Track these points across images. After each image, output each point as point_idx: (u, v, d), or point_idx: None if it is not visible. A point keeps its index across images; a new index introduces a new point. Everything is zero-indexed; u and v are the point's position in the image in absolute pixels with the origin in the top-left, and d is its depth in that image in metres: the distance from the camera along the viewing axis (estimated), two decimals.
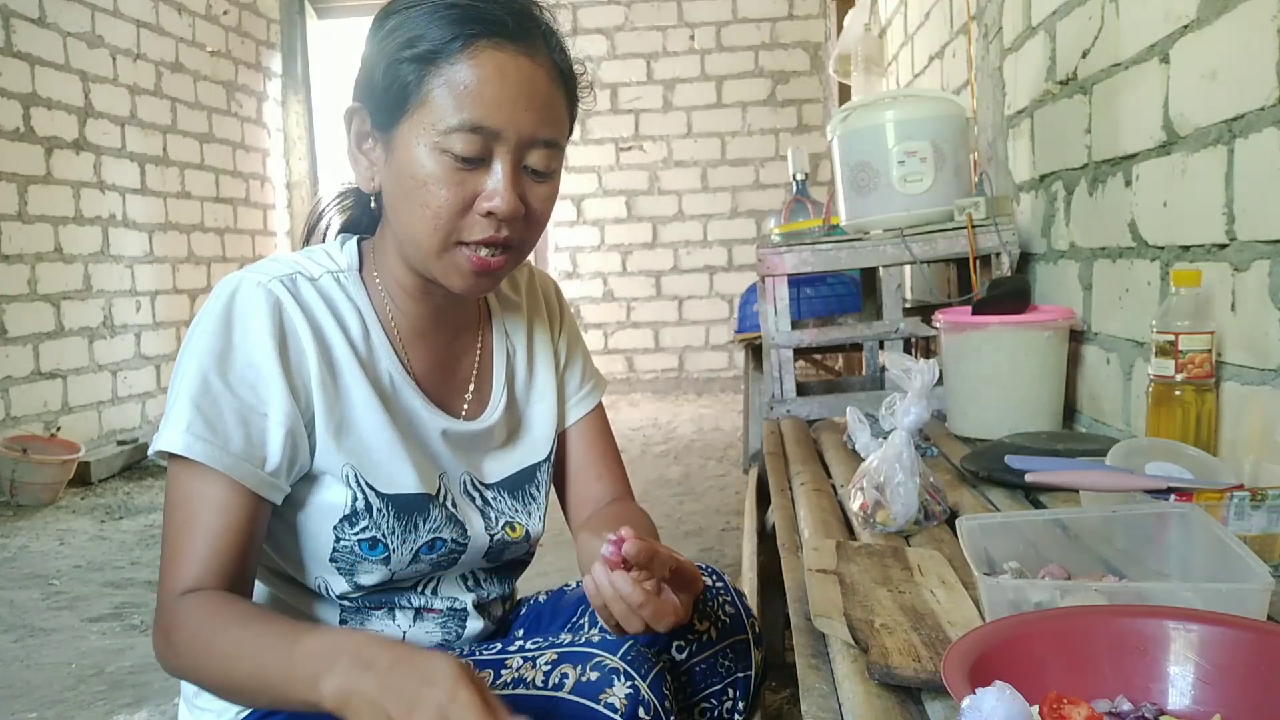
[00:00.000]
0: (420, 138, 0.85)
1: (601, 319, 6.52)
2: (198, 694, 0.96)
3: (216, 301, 0.88)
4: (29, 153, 4.13)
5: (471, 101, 0.84)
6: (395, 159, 0.88)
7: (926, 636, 0.86)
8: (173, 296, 5.09)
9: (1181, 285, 1.28)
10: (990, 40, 2.37)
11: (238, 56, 5.80)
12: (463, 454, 1.01)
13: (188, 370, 0.86)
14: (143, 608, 2.63)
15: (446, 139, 0.84)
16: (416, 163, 0.85)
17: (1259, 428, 1.17)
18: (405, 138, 0.86)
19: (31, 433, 3.99)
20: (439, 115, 0.84)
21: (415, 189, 0.86)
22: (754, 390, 3.16)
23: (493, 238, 0.87)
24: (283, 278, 0.91)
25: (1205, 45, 1.31)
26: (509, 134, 0.85)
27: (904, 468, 1.24)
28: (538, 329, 1.10)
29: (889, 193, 2.12)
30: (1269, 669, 0.67)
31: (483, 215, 0.87)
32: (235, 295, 0.88)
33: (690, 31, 6.40)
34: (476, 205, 0.87)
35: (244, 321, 0.87)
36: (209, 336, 0.87)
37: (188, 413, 0.84)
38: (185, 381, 0.85)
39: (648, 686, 0.82)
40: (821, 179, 5.68)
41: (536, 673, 0.85)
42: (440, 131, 0.84)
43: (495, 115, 0.84)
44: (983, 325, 1.75)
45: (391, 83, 0.86)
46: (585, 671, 0.83)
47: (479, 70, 0.84)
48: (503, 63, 0.85)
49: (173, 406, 0.86)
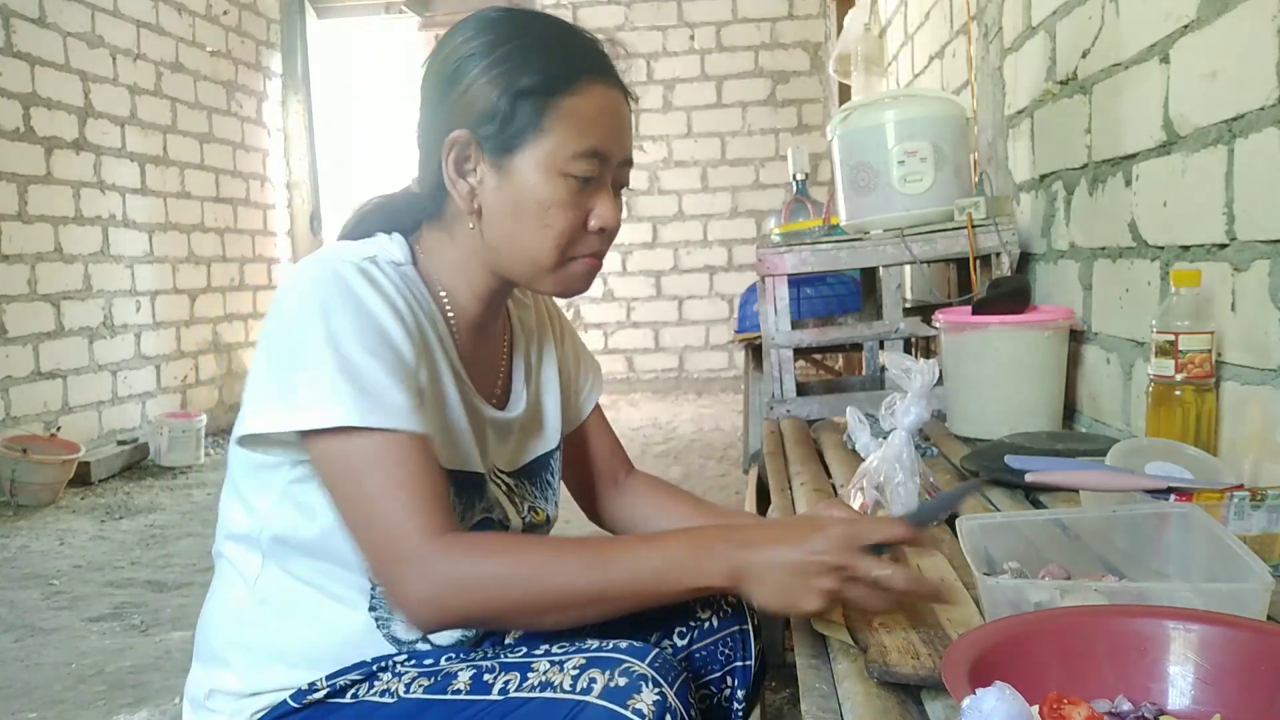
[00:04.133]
0: (541, 164, 0.93)
1: (601, 319, 6.52)
2: (209, 695, 0.96)
3: (317, 282, 0.89)
4: (29, 153, 4.13)
5: (592, 131, 0.94)
6: (513, 184, 0.94)
7: (925, 635, 0.86)
8: (173, 296, 5.09)
9: (1181, 285, 1.28)
10: (990, 40, 2.37)
11: (238, 56, 5.80)
12: (494, 441, 1.05)
13: (314, 347, 0.85)
14: (143, 608, 2.63)
15: (570, 164, 0.93)
16: (539, 187, 0.93)
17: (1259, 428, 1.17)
18: (525, 165, 0.93)
19: (31, 433, 3.99)
20: (561, 145, 0.93)
21: (538, 212, 0.94)
22: (754, 390, 3.16)
23: (598, 250, 0.99)
24: (365, 260, 0.93)
25: (1205, 45, 1.31)
26: (615, 158, 0.97)
27: (904, 468, 1.24)
28: (543, 328, 1.17)
29: (889, 193, 2.12)
30: (1269, 669, 0.67)
31: (594, 231, 0.97)
32: (336, 272, 0.89)
33: (690, 31, 6.40)
34: (589, 224, 0.96)
35: (357, 292, 0.89)
36: (328, 308, 0.87)
37: (338, 386, 0.84)
38: (316, 357, 0.85)
39: (674, 694, 0.84)
40: (821, 179, 5.68)
41: (564, 676, 0.86)
42: (564, 159, 0.93)
43: (608, 142, 0.95)
44: (983, 325, 1.75)
45: (511, 115, 0.93)
46: (614, 677, 0.84)
47: (596, 101, 0.94)
48: (608, 96, 0.96)
49: (308, 384, 0.85)
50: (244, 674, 0.95)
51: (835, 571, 0.82)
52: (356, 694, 0.93)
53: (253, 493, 0.96)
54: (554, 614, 0.86)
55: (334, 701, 0.93)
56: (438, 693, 0.90)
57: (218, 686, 0.96)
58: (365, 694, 0.93)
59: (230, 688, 0.95)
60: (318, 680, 0.93)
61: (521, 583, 0.84)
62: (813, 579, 0.82)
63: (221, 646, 0.97)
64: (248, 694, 0.95)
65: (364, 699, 0.92)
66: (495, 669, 0.90)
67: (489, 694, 0.87)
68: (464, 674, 0.90)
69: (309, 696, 0.93)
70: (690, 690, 0.87)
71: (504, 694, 0.87)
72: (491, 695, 0.87)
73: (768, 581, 0.83)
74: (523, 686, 0.87)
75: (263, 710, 0.94)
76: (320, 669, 0.94)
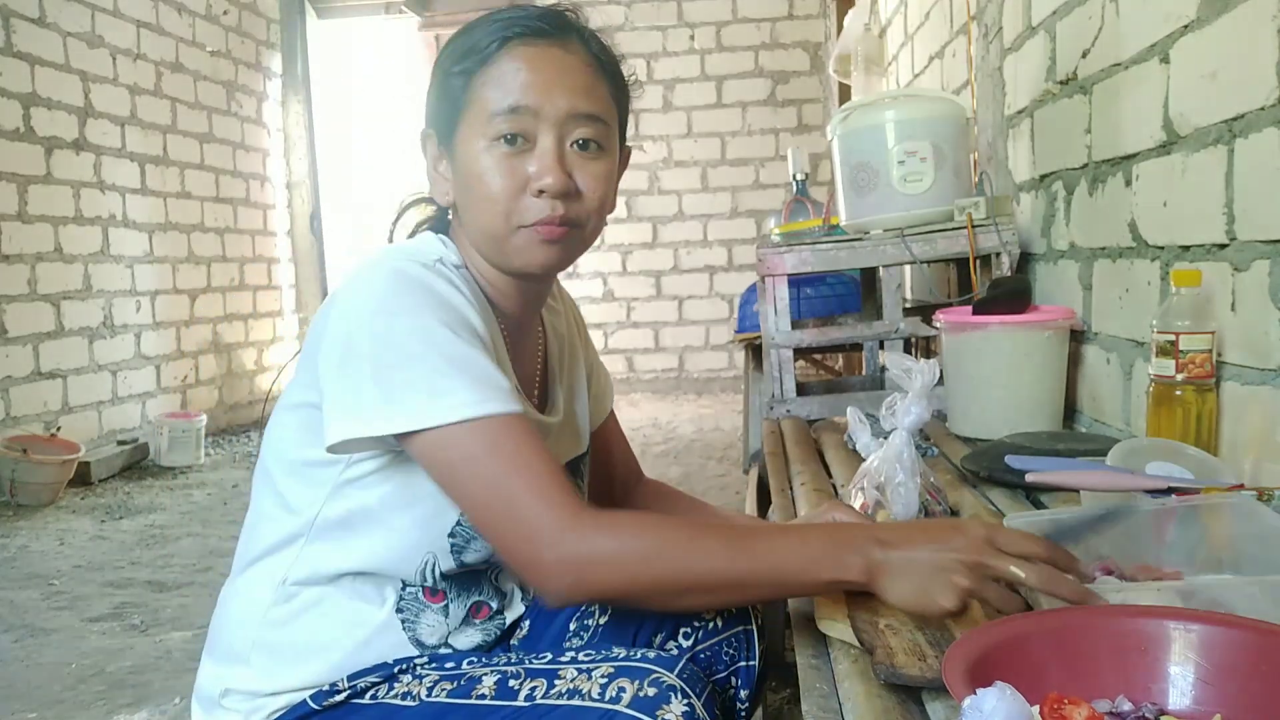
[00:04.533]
0: (473, 136, 0.93)
1: (601, 319, 6.52)
2: (225, 694, 0.96)
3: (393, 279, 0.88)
4: (29, 153, 4.13)
5: (509, 88, 0.92)
6: (458, 164, 0.95)
7: (932, 636, 0.86)
8: (173, 296, 5.09)
9: (1182, 285, 1.28)
10: (990, 40, 2.37)
11: (238, 56, 5.80)
12: None
13: (409, 343, 0.85)
14: (143, 608, 2.63)
15: (492, 126, 0.92)
16: (473, 159, 0.93)
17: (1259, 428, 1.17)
18: (462, 142, 0.94)
19: (31, 433, 3.99)
20: (485, 110, 0.92)
21: (475, 184, 0.93)
22: (754, 390, 3.16)
23: (549, 217, 0.93)
24: (434, 261, 0.93)
25: (1205, 45, 1.31)
26: (547, 111, 0.92)
27: (904, 468, 1.24)
28: (571, 332, 1.19)
29: (889, 193, 2.12)
30: (1269, 669, 0.67)
31: (536, 196, 0.92)
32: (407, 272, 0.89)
33: (690, 31, 6.40)
34: (529, 188, 0.92)
35: (434, 288, 0.89)
36: (414, 304, 0.86)
37: (449, 378, 0.84)
38: (413, 352, 0.85)
39: (702, 706, 0.84)
40: (821, 179, 5.68)
41: (593, 685, 0.85)
42: (485, 123, 0.92)
43: (530, 94, 0.92)
44: (983, 325, 1.75)
45: (444, 96, 0.95)
46: (643, 687, 0.83)
47: (514, 62, 0.93)
48: (535, 53, 0.93)
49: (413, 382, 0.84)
50: (264, 673, 0.95)
51: (973, 569, 0.81)
52: (377, 695, 0.93)
53: (295, 493, 0.95)
54: (692, 596, 0.86)
55: (355, 703, 0.93)
56: (461, 697, 0.89)
57: (234, 685, 0.96)
58: (385, 696, 0.92)
59: (248, 686, 0.95)
60: (339, 681, 0.93)
61: (664, 562, 0.84)
62: (950, 575, 0.81)
63: (242, 645, 0.96)
64: (266, 693, 0.94)
65: (384, 701, 0.92)
66: (521, 675, 0.89)
67: (515, 700, 0.87)
68: (488, 679, 0.90)
69: (329, 699, 0.93)
70: (715, 702, 0.87)
71: (530, 700, 0.86)
72: (518, 701, 0.87)
73: (905, 577, 0.82)
74: (550, 693, 0.86)
75: (281, 710, 0.94)
76: (342, 670, 0.94)
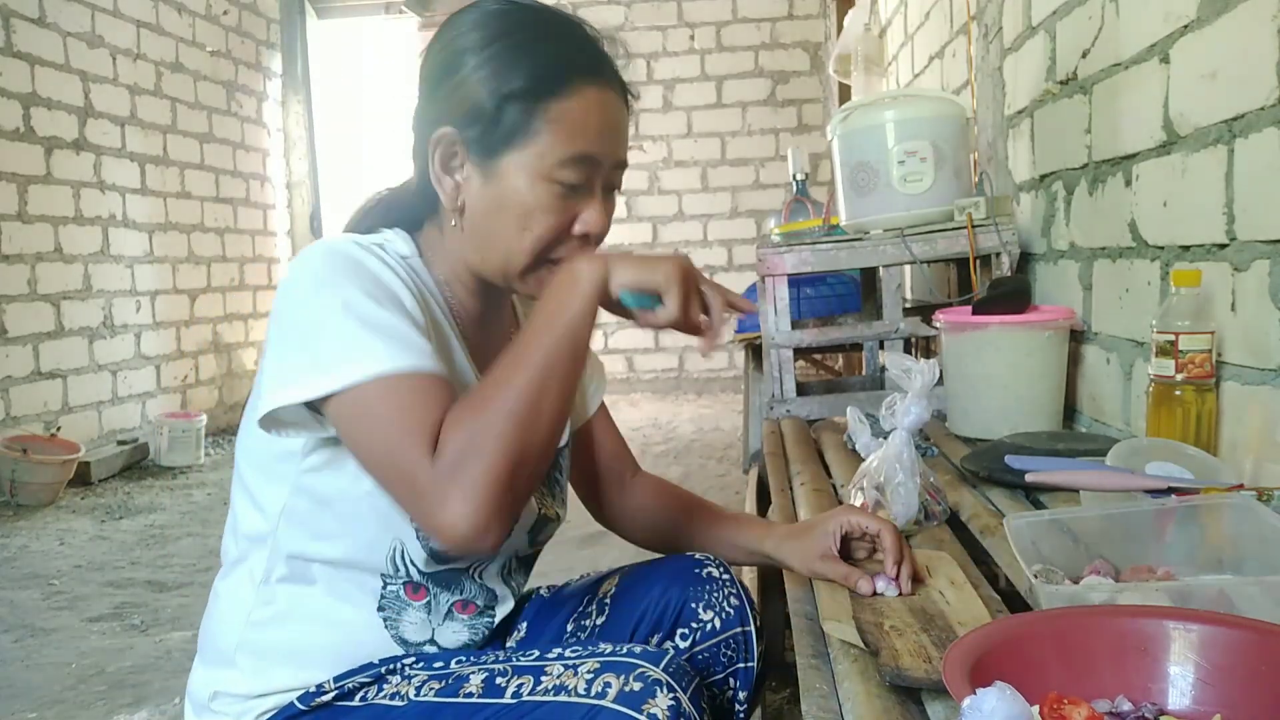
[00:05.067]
0: (527, 169, 0.91)
1: (601, 319, 6.39)
2: (214, 697, 0.96)
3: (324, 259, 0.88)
4: (29, 153, 4.13)
5: (580, 136, 0.91)
6: (498, 186, 0.92)
7: (936, 637, 0.86)
8: (173, 296, 5.09)
9: (1181, 285, 1.28)
10: (990, 40, 2.37)
11: (238, 56, 5.80)
12: None
13: (332, 312, 0.84)
14: (143, 608, 2.63)
15: (557, 170, 0.91)
16: (524, 191, 0.91)
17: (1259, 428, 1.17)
18: (510, 168, 0.92)
19: (31, 433, 3.99)
20: (549, 150, 0.91)
21: (520, 215, 0.92)
22: (754, 390, 3.16)
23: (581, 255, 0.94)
24: (372, 245, 0.92)
25: (1205, 45, 1.31)
26: (605, 162, 0.94)
27: (904, 468, 1.24)
28: None
29: (889, 193, 2.12)
30: (1269, 669, 0.67)
31: (577, 236, 0.95)
32: (341, 250, 0.89)
33: (690, 31, 6.40)
34: (573, 229, 0.94)
35: (364, 264, 0.88)
36: (339, 278, 0.86)
37: (365, 338, 0.83)
38: (335, 320, 0.84)
39: (688, 699, 0.84)
40: (821, 179, 5.68)
41: (579, 680, 0.85)
42: (550, 164, 0.91)
43: (598, 146, 0.93)
44: (983, 325, 1.75)
45: (498, 117, 0.91)
46: (629, 682, 0.84)
47: (583, 104, 0.92)
48: (601, 98, 0.93)
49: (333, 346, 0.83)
50: (250, 675, 0.95)
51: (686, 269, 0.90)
52: (365, 696, 0.93)
53: (262, 490, 0.95)
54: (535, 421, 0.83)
55: (342, 704, 0.93)
56: (449, 696, 0.89)
57: (223, 688, 0.96)
58: (374, 697, 0.92)
59: (236, 689, 0.95)
60: (326, 682, 0.93)
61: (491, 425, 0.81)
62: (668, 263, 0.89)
63: (227, 647, 0.96)
64: (254, 695, 0.94)
65: (373, 702, 0.92)
66: (508, 672, 0.89)
67: (502, 697, 0.87)
68: (476, 677, 0.90)
69: (316, 699, 0.93)
70: (703, 696, 0.87)
71: (517, 697, 0.86)
72: (505, 699, 0.87)
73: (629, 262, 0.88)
74: (536, 690, 0.86)
75: (270, 712, 0.94)
76: (328, 670, 0.94)
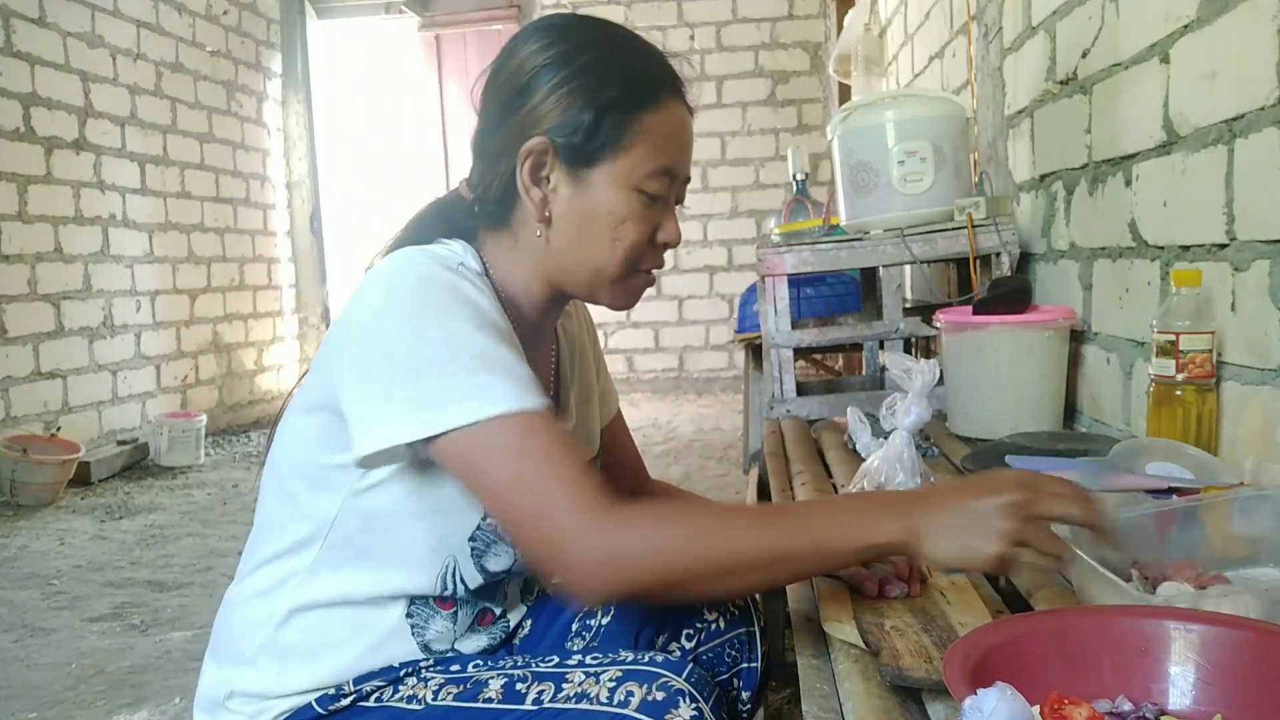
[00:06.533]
0: (619, 180, 0.94)
1: (601, 319, 6.51)
2: (230, 696, 0.96)
3: (418, 285, 0.87)
4: (29, 153, 4.13)
5: (668, 149, 0.96)
6: (589, 196, 0.95)
7: (937, 637, 0.86)
8: (173, 296, 5.09)
9: (1182, 285, 1.28)
10: (990, 40, 2.37)
11: (238, 56, 5.80)
12: None
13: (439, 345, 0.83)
14: (143, 608, 2.63)
15: (645, 181, 0.94)
16: (616, 201, 0.94)
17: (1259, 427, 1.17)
18: (605, 179, 0.94)
19: (31, 433, 3.99)
20: (640, 161, 0.94)
21: (612, 225, 0.95)
22: (754, 390, 3.16)
23: (659, 264, 1.01)
24: (457, 265, 0.92)
25: (1205, 45, 1.31)
26: (682, 175, 0.98)
27: (904, 468, 1.24)
28: (581, 335, 1.19)
29: (889, 193, 2.12)
30: (1269, 669, 0.67)
31: (659, 245, 0.99)
32: (431, 275, 0.87)
33: (690, 31, 6.40)
34: (655, 239, 0.98)
35: (461, 290, 0.87)
36: (442, 306, 0.85)
37: (480, 376, 0.83)
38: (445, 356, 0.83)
39: (710, 710, 0.84)
40: (821, 179, 5.68)
41: (600, 688, 0.85)
42: (640, 176, 0.94)
43: (679, 160, 0.97)
44: (983, 325, 1.75)
45: (595, 128, 0.93)
46: (651, 691, 0.83)
47: (674, 118, 0.97)
48: (684, 115, 0.98)
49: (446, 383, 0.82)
50: (270, 675, 0.94)
51: (1014, 510, 0.77)
52: (382, 699, 0.93)
53: (309, 499, 0.94)
54: (732, 578, 0.82)
55: (360, 706, 0.93)
56: (468, 700, 0.89)
57: (239, 688, 0.95)
58: (391, 699, 0.92)
59: (254, 689, 0.95)
60: (345, 685, 0.93)
61: (697, 548, 0.81)
62: (992, 521, 0.77)
63: (249, 648, 0.96)
64: (272, 695, 0.94)
65: (390, 704, 0.92)
66: (528, 678, 0.89)
67: (522, 704, 0.87)
68: (495, 682, 0.90)
69: (335, 703, 0.93)
70: (723, 706, 0.87)
71: (538, 704, 0.86)
72: (525, 705, 0.86)
73: (943, 530, 0.78)
74: (558, 697, 0.86)
75: (286, 712, 0.94)
76: (348, 673, 0.94)
